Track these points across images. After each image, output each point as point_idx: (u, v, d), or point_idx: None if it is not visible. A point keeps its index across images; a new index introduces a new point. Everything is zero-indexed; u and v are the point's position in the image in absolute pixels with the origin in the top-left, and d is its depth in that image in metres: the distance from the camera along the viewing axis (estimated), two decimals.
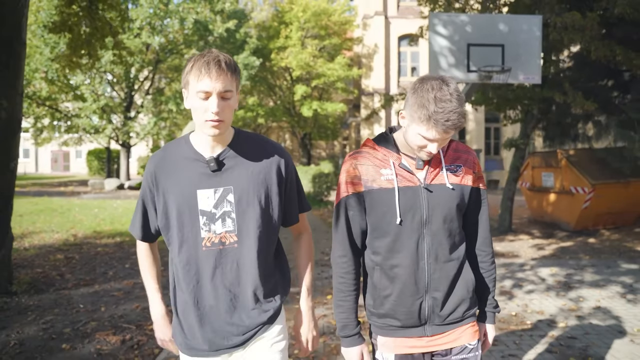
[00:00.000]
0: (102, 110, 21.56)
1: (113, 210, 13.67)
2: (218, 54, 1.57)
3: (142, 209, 1.74)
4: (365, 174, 1.75)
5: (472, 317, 1.82)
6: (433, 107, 1.55)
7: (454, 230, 1.76)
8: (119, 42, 10.59)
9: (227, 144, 1.69)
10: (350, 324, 1.81)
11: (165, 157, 1.70)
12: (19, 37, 5.19)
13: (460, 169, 1.78)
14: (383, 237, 1.75)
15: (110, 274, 6.57)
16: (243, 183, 1.67)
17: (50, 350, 3.93)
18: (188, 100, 1.61)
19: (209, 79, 1.53)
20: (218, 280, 1.68)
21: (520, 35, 7.05)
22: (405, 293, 1.73)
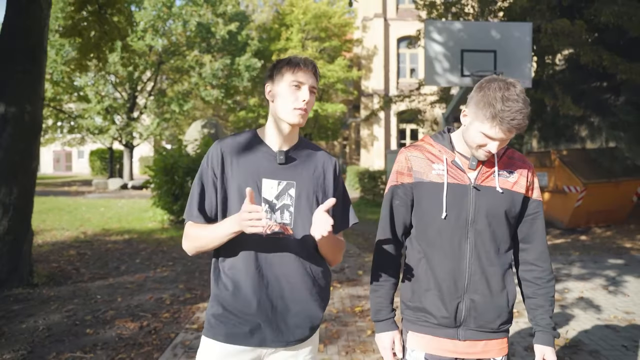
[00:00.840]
0: (106, 111, 21.92)
1: (119, 209, 14.04)
2: (308, 58, 1.73)
3: (200, 190, 1.72)
4: (417, 166, 1.78)
5: (505, 332, 1.80)
6: (500, 106, 1.57)
7: (500, 236, 1.74)
8: (126, 45, 10.94)
9: (293, 143, 1.77)
10: (384, 308, 1.82)
11: (235, 143, 1.74)
12: (41, 46, 5.57)
13: (512, 176, 1.77)
14: (427, 231, 1.76)
15: (122, 268, 6.94)
16: (305, 181, 1.73)
17: (76, 334, 4.30)
18: (275, 91, 1.71)
19: (305, 72, 1.68)
20: (279, 269, 1.69)
21: (512, 41, 7.42)
22: (445, 290, 1.73)
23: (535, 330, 1.82)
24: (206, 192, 1.71)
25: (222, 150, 1.72)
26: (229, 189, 1.71)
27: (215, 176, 1.71)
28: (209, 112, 30.68)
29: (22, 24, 5.40)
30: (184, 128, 28.58)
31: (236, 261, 1.69)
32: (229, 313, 1.68)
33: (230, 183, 1.70)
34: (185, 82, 22.60)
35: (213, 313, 1.71)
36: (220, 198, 1.71)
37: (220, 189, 1.71)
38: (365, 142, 25.57)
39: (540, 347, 1.79)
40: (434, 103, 13.57)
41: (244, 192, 1.63)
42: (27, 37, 5.41)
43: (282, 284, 1.69)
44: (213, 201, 1.71)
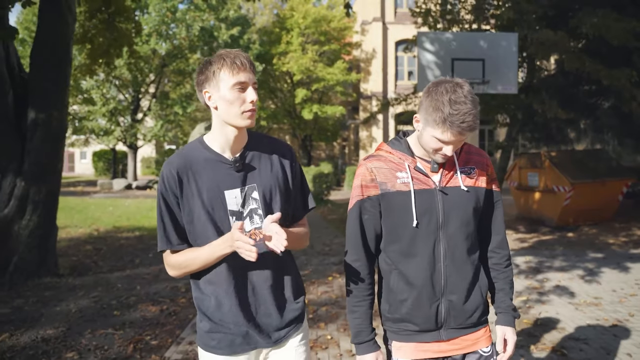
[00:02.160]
0: (111, 113, 22.46)
1: (126, 208, 14.58)
2: (240, 52, 1.63)
3: (170, 216, 1.67)
4: (381, 177, 1.75)
5: (485, 322, 1.84)
6: (448, 110, 1.56)
7: (470, 234, 1.77)
8: (134, 51, 11.47)
9: (244, 144, 1.72)
10: (364, 330, 1.79)
11: (186, 161, 1.67)
12: (67, 58, 6.12)
13: (473, 172, 1.78)
14: (399, 241, 1.75)
15: (137, 261, 7.49)
16: (264, 180, 1.70)
17: (105, 316, 4.85)
18: (217, 97, 1.62)
19: (245, 71, 1.60)
20: (254, 277, 1.70)
21: (499, 50, 7.98)
22: (422, 297, 1.73)
23: (496, 311, 1.89)
24: (176, 217, 1.67)
25: (176, 171, 1.65)
26: (193, 208, 1.65)
27: (177, 198, 1.65)
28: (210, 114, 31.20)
29: (51, 39, 5.95)
30: (186, 129, 29.16)
31: (214, 276, 1.68)
32: (219, 326, 1.69)
33: (193, 202, 1.65)
34: (188, 85, 23.15)
35: (204, 329, 1.71)
36: (187, 219, 1.66)
37: (185, 210, 1.66)
38: (364, 143, 26.13)
39: (502, 328, 1.85)
40: None
41: (211, 210, 1.64)
42: (55, 50, 5.97)
43: (262, 288, 1.70)
44: (182, 224, 1.68)
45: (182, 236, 1.68)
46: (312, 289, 5.86)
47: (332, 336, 4.30)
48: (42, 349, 3.99)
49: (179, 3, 20.62)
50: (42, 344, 4.10)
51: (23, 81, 6.27)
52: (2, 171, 6.05)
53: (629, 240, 9.25)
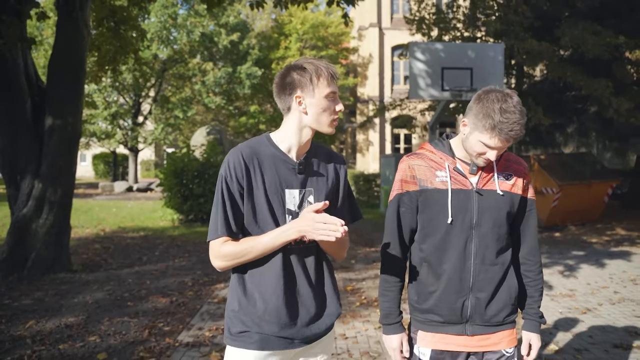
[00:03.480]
0: (112, 116, 22.89)
1: (129, 210, 15.01)
2: (329, 62, 1.73)
3: (231, 203, 1.66)
4: (421, 174, 1.84)
5: (511, 323, 1.88)
6: (498, 117, 1.65)
7: (501, 236, 1.83)
8: (139, 57, 11.88)
9: (308, 149, 1.78)
10: (393, 312, 1.91)
11: (253, 151, 1.70)
12: (82, 67, 6.57)
13: (511, 178, 1.85)
14: (433, 235, 1.84)
15: (144, 259, 7.92)
16: (320, 186, 1.75)
17: (119, 306, 5.29)
18: (310, 103, 1.67)
19: (336, 82, 1.71)
20: (300, 277, 1.72)
21: (486, 60, 8.45)
22: (450, 290, 1.81)
23: (524, 317, 1.96)
24: (238, 205, 1.68)
25: (244, 159, 1.67)
26: (256, 200, 1.68)
27: (242, 187, 1.66)
28: (209, 117, 31.65)
29: (68, 50, 6.40)
30: (185, 133, 29.59)
31: (262, 272, 1.69)
32: (256, 324, 1.69)
33: (258, 194, 1.67)
34: (188, 89, 23.61)
35: (239, 324, 1.70)
36: (250, 210, 1.68)
37: (248, 200, 1.67)
38: (361, 146, 26.60)
39: (527, 333, 1.93)
40: (424, 111, 14.62)
41: (272, 205, 1.68)
42: (72, 61, 6.42)
43: (306, 290, 1.73)
44: (242, 214, 1.69)
45: (240, 225, 1.69)
46: None
47: None
48: (67, 334, 4.43)
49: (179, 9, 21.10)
50: (66, 330, 4.53)
51: (40, 89, 6.72)
52: (21, 173, 6.49)
53: (611, 239, 9.73)
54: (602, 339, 4.28)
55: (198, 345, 4.16)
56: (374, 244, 9.59)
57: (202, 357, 3.92)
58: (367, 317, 4.92)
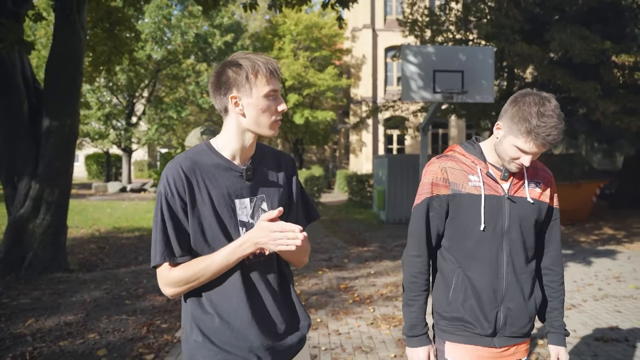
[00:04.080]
0: (106, 117, 22.91)
1: (124, 210, 15.08)
2: (268, 57, 1.57)
3: (173, 223, 1.49)
4: (453, 178, 1.77)
5: (530, 335, 1.85)
6: (536, 121, 1.59)
7: (529, 244, 1.79)
8: (134, 58, 11.94)
9: (252, 153, 1.64)
10: (419, 323, 1.80)
11: (194, 163, 1.53)
12: (79, 69, 6.67)
13: (539, 186, 1.81)
14: (464, 242, 1.77)
15: (140, 259, 8.02)
16: (272, 191, 1.64)
17: (118, 304, 5.40)
18: (246, 103, 1.52)
19: (277, 79, 1.55)
20: (263, 294, 1.58)
21: (476, 63, 8.61)
22: (484, 300, 1.75)
23: (548, 331, 1.89)
24: (180, 225, 1.50)
25: (185, 173, 1.50)
26: (204, 215, 1.51)
27: (185, 203, 1.49)
28: (203, 118, 31.70)
29: (66, 52, 6.50)
30: (179, 133, 29.63)
31: (220, 293, 1.53)
32: (221, 350, 1.52)
33: (204, 209, 1.51)
34: (182, 90, 23.66)
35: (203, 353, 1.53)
36: (196, 228, 1.51)
37: (193, 218, 1.50)
38: (354, 147, 26.77)
39: (555, 347, 1.86)
40: (416, 112, 14.79)
41: (222, 219, 1.53)
42: (69, 63, 6.51)
43: (273, 304, 1.59)
44: (188, 233, 1.51)
45: (185, 247, 1.51)
46: (304, 282, 6.43)
47: (322, 319, 4.89)
48: (67, 331, 4.54)
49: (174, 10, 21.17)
50: (66, 327, 4.64)
51: (37, 91, 6.81)
52: (18, 174, 6.58)
53: (598, 238, 9.93)
54: (585, 333, 4.45)
55: None
56: (366, 243, 9.73)
57: None
58: (360, 314, 5.05)
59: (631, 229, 10.93)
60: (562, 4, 10.49)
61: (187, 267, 1.49)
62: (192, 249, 1.52)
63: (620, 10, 9.96)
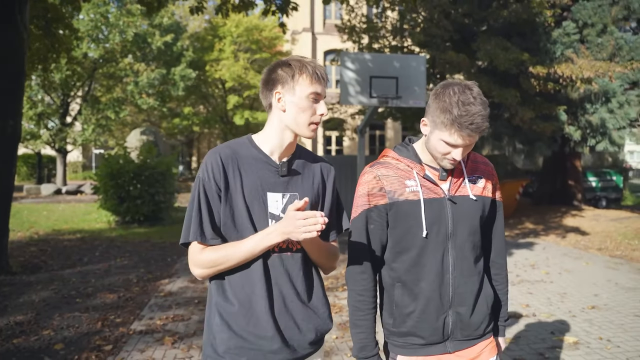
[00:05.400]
0: (38, 116, 22.06)
1: (61, 213, 14.71)
2: (319, 63, 1.64)
3: (207, 206, 1.57)
4: (390, 186, 1.69)
5: (490, 332, 1.80)
6: (457, 111, 1.52)
7: (476, 244, 1.72)
8: (72, 57, 11.75)
9: (292, 152, 1.69)
10: (369, 344, 1.72)
11: (233, 152, 1.62)
12: (22, 69, 6.66)
13: (480, 180, 1.74)
14: (407, 252, 1.69)
15: (85, 259, 8.03)
16: (306, 192, 1.66)
17: (68, 303, 5.52)
18: (289, 100, 1.58)
19: (322, 84, 1.59)
20: (285, 287, 1.62)
21: (410, 70, 9.25)
22: (430, 309, 1.68)
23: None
24: (214, 209, 1.59)
25: (222, 161, 1.59)
26: (236, 202, 1.58)
27: (219, 189, 1.58)
28: (140, 118, 31.09)
29: (7, 52, 6.47)
30: (116, 134, 28.93)
31: (243, 281, 1.59)
32: (241, 338, 1.58)
33: (236, 197, 1.58)
34: (119, 90, 23.17)
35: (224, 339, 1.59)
36: (228, 213, 1.59)
37: (226, 204, 1.59)
38: None
39: (496, 339, 1.87)
40: (354, 115, 15.41)
41: (252, 208, 1.59)
42: (11, 62, 6.49)
43: (293, 301, 1.63)
44: (220, 218, 1.60)
45: (217, 230, 1.59)
46: None
47: None
48: (19, 330, 4.64)
49: (111, 7, 20.73)
50: (17, 327, 4.73)
51: None
52: None
53: (520, 232, 10.89)
54: None
55: (151, 332, 4.54)
56: None
57: (156, 342, 4.30)
58: None
59: (548, 223, 12.00)
60: (487, 17, 11.38)
61: (216, 250, 1.57)
62: (222, 235, 1.60)
63: (536, 27, 10.97)
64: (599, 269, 7.18)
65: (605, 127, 11.27)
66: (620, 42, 10.99)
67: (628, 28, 12.43)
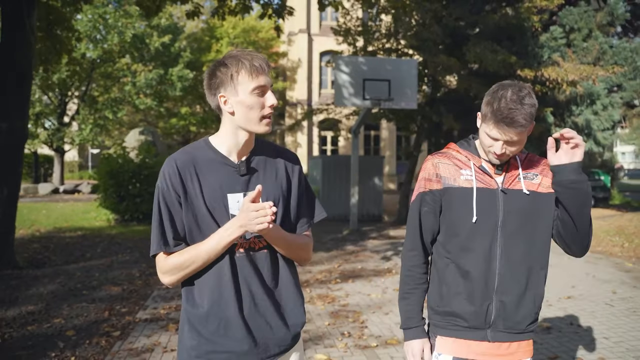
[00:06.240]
0: (36, 116, 22.30)
1: (60, 211, 14.99)
2: (256, 52, 1.59)
3: (169, 215, 1.58)
4: (446, 173, 1.78)
5: (532, 332, 1.81)
6: (497, 105, 1.60)
7: (528, 237, 1.75)
8: (73, 58, 12.02)
9: (251, 149, 1.67)
10: (415, 316, 1.83)
11: (189, 158, 1.61)
12: (29, 72, 6.96)
13: (536, 177, 1.78)
14: (458, 235, 1.77)
15: (87, 255, 8.33)
16: (269, 187, 1.64)
17: (76, 295, 5.82)
18: (234, 102, 1.56)
19: (264, 74, 1.55)
20: (254, 286, 1.61)
21: (402, 73, 9.61)
22: (476, 292, 1.74)
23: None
24: (175, 216, 1.59)
25: (178, 168, 1.59)
26: (198, 208, 1.58)
27: (179, 196, 1.58)
28: (137, 118, 31.34)
29: (15, 55, 6.77)
30: (114, 134, 29.17)
31: (210, 284, 1.60)
32: (211, 342, 1.59)
33: (197, 202, 1.58)
34: (116, 90, 23.42)
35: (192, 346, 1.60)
36: (191, 220, 1.59)
37: (187, 210, 1.58)
38: (289, 148, 27.48)
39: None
40: (349, 115, 15.74)
41: (213, 212, 1.59)
42: (19, 65, 6.79)
43: (263, 299, 1.63)
44: (183, 224, 1.60)
45: (179, 237, 1.60)
46: None
47: None
48: (31, 318, 4.95)
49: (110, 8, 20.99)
50: (29, 316, 5.04)
51: None
52: None
53: None
54: None
55: (156, 320, 4.86)
56: None
57: (161, 328, 4.63)
58: None
59: None
60: (478, 21, 11.74)
61: (180, 254, 1.57)
62: (187, 241, 1.60)
63: (524, 31, 11.34)
64: (579, 263, 7.54)
65: (590, 128, 11.66)
66: (604, 47, 11.39)
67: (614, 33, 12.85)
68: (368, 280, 6.68)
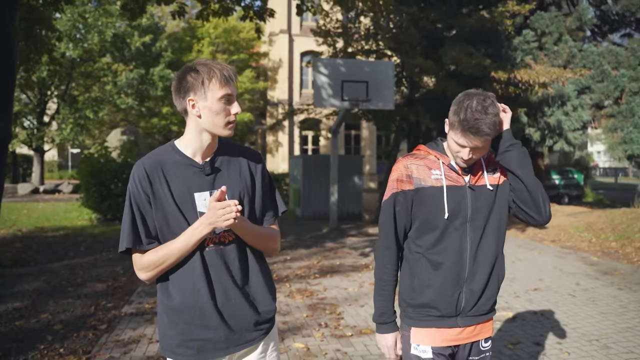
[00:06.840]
0: (15, 115, 22.08)
1: (41, 211, 14.97)
2: (225, 64, 1.71)
3: (140, 215, 1.70)
4: (417, 173, 1.89)
5: (493, 311, 1.97)
6: (463, 115, 1.71)
7: (494, 228, 1.90)
8: (54, 58, 12.03)
9: (214, 150, 1.77)
10: (388, 311, 1.96)
11: (156, 161, 1.72)
12: (12, 71, 7.05)
13: (497, 172, 1.94)
14: (431, 231, 1.88)
15: (71, 254, 8.44)
16: (233, 185, 1.75)
17: (61, 291, 5.97)
18: (202, 106, 1.66)
19: (232, 85, 1.68)
20: (225, 278, 1.73)
21: (379, 75, 9.89)
22: (448, 283, 1.86)
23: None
24: (146, 217, 1.70)
25: (147, 171, 1.70)
26: (166, 209, 1.70)
27: (149, 197, 1.69)
28: (118, 118, 31.18)
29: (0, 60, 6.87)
30: (94, 133, 28.98)
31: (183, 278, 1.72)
32: (188, 331, 1.71)
33: (166, 203, 1.69)
34: (97, 89, 23.31)
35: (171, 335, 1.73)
36: (162, 220, 1.70)
37: (157, 211, 1.70)
38: (270, 147, 27.69)
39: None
40: (328, 115, 16.00)
41: (182, 210, 1.70)
42: (3, 69, 6.88)
43: (234, 290, 1.74)
44: (154, 224, 1.71)
45: (152, 235, 1.71)
46: None
47: None
48: (18, 314, 5.09)
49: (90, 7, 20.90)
50: (15, 312, 5.18)
51: None
52: None
53: None
54: None
55: (141, 314, 5.05)
56: (283, 235, 10.64)
57: (147, 321, 4.83)
58: (279, 289, 5.99)
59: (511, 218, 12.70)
60: (454, 24, 12.09)
61: (154, 252, 1.69)
62: (159, 239, 1.72)
63: (498, 34, 11.73)
64: (548, 257, 7.91)
65: (561, 128, 12.09)
66: (573, 51, 11.83)
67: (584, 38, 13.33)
68: (346, 275, 6.94)
